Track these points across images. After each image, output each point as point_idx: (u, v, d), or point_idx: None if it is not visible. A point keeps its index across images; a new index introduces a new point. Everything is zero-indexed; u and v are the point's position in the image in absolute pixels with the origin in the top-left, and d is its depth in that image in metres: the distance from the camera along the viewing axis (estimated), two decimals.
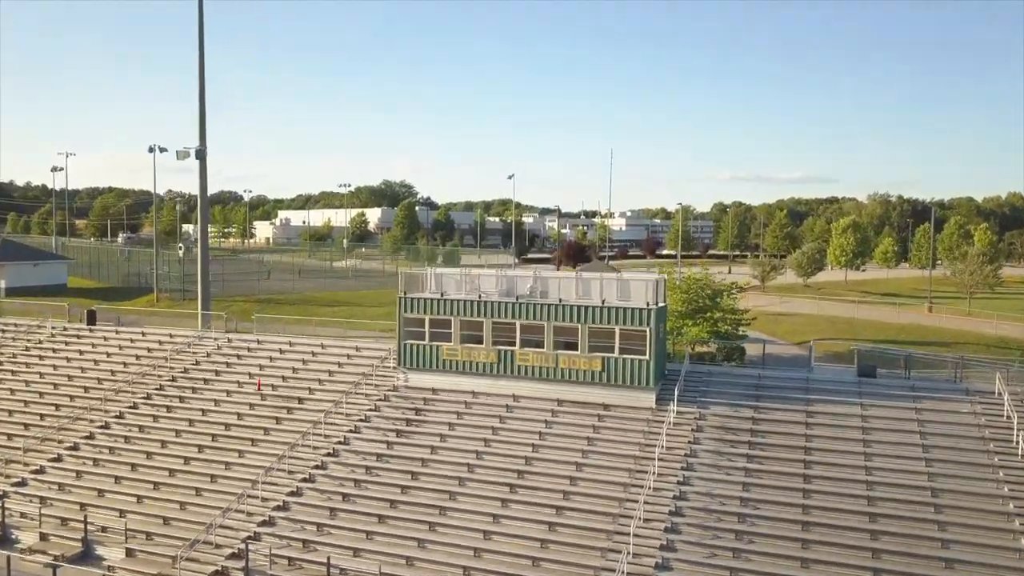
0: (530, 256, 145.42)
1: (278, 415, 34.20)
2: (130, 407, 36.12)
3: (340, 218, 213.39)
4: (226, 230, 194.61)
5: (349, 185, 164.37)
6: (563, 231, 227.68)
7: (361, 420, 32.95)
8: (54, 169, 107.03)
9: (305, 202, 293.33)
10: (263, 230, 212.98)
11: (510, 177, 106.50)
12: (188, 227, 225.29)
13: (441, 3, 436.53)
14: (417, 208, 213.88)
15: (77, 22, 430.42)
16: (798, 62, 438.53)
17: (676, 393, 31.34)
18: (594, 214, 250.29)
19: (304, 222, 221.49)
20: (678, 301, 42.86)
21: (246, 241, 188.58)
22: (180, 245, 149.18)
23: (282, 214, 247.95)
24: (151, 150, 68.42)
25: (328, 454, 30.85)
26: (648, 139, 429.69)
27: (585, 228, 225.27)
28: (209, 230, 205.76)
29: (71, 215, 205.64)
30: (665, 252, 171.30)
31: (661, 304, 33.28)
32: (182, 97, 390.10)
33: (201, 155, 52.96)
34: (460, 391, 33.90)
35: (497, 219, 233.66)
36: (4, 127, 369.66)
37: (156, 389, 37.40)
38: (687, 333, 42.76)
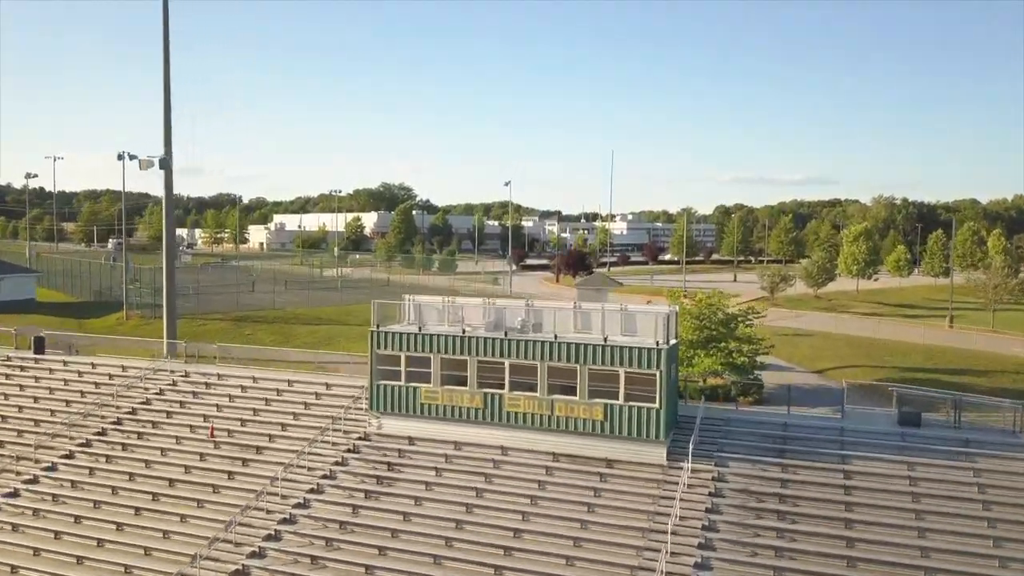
0: (528, 263, 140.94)
1: (232, 468, 29.74)
2: (65, 456, 31.68)
3: (337, 222, 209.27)
4: (218, 235, 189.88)
5: (340, 191, 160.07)
6: (563, 235, 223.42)
7: (325, 476, 28.49)
8: (28, 176, 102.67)
9: (304, 204, 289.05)
10: (257, 235, 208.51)
11: (507, 183, 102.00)
12: (181, 231, 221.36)
13: (441, 3, 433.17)
14: (414, 212, 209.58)
15: (77, 22, 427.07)
16: (798, 62, 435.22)
17: (691, 446, 26.90)
18: (595, 217, 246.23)
19: (300, 226, 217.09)
20: (689, 328, 38.46)
21: (238, 246, 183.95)
22: None
23: (277, 218, 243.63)
24: (119, 157, 64.35)
25: (284, 520, 26.40)
26: (648, 140, 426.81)
27: (585, 232, 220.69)
28: (200, 235, 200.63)
29: (63, 219, 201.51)
30: (668, 257, 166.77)
31: (673, 341, 28.84)
32: (183, 97, 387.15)
33: (166, 165, 48.64)
34: (440, 441, 29.44)
35: (496, 223, 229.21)
36: (3, 127, 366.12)
37: (97, 434, 32.96)
38: (698, 364, 38.40)
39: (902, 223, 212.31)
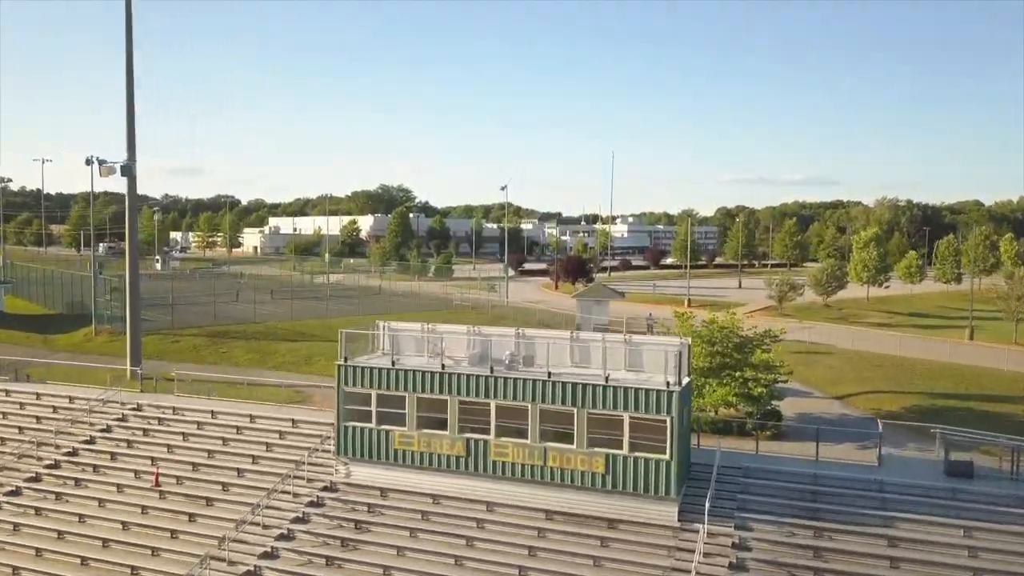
0: (527, 267, 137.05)
1: (176, 526, 25.84)
2: None
3: (332, 226, 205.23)
4: (211, 239, 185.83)
5: (330, 194, 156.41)
6: (563, 238, 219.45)
7: (283, 536, 24.60)
8: (1, 180, 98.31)
9: (303, 206, 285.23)
10: (251, 238, 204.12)
11: (503, 188, 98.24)
12: (175, 234, 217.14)
13: (441, 3, 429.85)
14: (412, 215, 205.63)
15: (77, 22, 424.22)
16: (798, 62, 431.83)
17: (707, 504, 23.02)
18: (595, 219, 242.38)
19: (296, 229, 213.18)
20: (700, 354, 34.48)
21: (231, 251, 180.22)
22: (157, 258, 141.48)
23: (272, 221, 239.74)
24: (88, 162, 60.19)
25: None
26: (648, 140, 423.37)
27: (585, 235, 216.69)
28: (192, 239, 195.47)
29: (54, 222, 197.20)
30: (670, 261, 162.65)
31: (686, 380, 24.91)
32: (183, 97, 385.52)
33: (128, 172, 44.82)
34: (416, 493, 25.58)
35: (495, 226, 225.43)
36: (3, 129, 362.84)
37: (31, 480, 29.07)
38: (710, 395, 34.45)
39: (906, 225, 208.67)
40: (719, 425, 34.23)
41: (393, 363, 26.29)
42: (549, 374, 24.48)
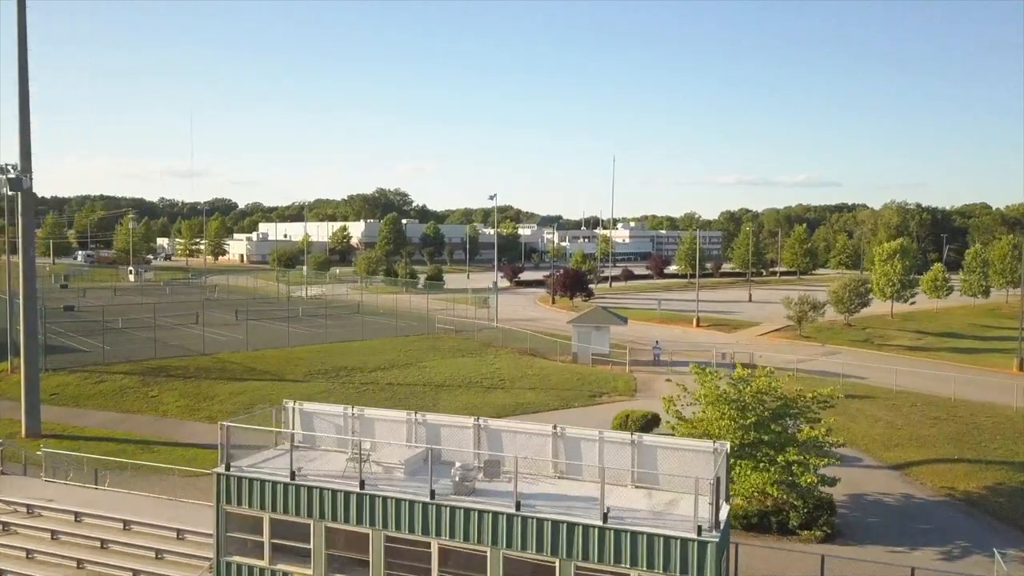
0: (523, 278, 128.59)
1: None
2: None
3: (322, 232, 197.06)
4: (193, 246, 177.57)
5: (307, 201, 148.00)
6: (563, 244, 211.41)
7: None
8: None
9: (300, 210, 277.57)
10: (237, 246, 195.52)
11: (492, 197, 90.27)
12: (163, 241, 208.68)
13: (442, 4, 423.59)
14: (405, 221, 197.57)
15: (78, 24, 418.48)
16: (800, 63, 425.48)
17: None
18: (596, 222, 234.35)
19: (285, 235, 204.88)
20: (728, 427, 26.16)
21: (213, 259, 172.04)
22: (130, 269, 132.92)
23: (262, 227, 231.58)
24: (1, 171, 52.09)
25: None
26: (649, 142, 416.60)
27: (585, 241, 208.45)
28: (177, 245, 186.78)
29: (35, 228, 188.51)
30: (674, 270, 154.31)
31: (724, 510, 16.59)
32: (189, 97, 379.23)
33: (18, 185, 36.69)
34: None
35: (492, 231, 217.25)
36: (3, 130, 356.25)
37: None
38: (742, 481, 26.16)
39: (915, 229, 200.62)
40: (752, 519, 26.18)
41: (294, 474, 18.03)
42: (518, 504, 16.22)
